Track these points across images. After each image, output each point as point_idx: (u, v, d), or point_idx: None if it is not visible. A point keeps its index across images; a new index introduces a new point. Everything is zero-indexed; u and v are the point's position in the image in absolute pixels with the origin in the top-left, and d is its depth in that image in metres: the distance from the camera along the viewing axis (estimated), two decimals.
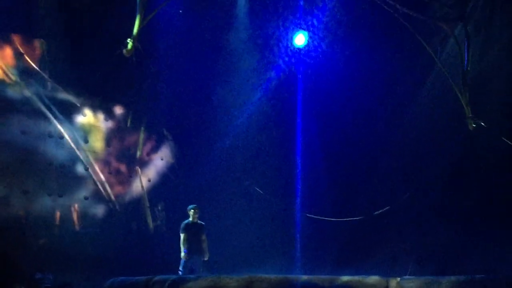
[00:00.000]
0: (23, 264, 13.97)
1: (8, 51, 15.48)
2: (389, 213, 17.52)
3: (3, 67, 15.31)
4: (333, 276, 11.28)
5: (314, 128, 18.79)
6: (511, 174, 15.77)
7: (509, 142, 15.65)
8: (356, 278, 10.77)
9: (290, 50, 18.57)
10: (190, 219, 14.86)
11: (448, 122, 16.94)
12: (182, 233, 14.73)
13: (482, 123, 15.89)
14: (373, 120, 18.03)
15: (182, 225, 14.83)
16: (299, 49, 18.49)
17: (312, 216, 18.13)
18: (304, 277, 11.21)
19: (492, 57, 16.56)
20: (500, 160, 16.03)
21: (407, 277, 11.18)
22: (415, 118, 17.63)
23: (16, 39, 15.61)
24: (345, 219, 17.77)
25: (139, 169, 17.92)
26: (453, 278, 10.28)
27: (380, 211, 17.48)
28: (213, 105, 18.58)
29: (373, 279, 10.72)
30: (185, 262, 14.51)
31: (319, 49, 18.19)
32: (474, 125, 15.89)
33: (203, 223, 15.01)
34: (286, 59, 18.68)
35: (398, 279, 10.81)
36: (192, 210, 14.88)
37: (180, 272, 14.29)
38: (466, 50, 16.07)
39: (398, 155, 17.89)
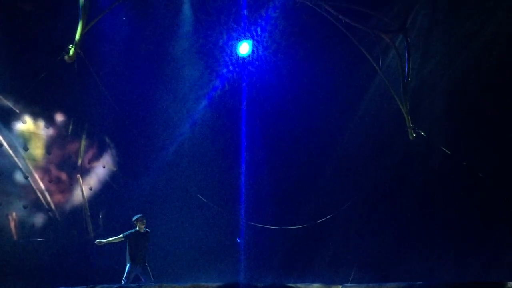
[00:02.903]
0: None
1: None
2: (331, 221, 17.64)
3: None
4: (275, 282, 11.30)
5: (259, 136, 18.86)
6: (450, 182, 16.14)
7: (448, 152, 15.97)
8: (299, 285, 10.79)
9: (235, 59, 18.61)
10: (137, 228, 14.63)
11: (389, 131, 17.21)
12: (128, 243, 14.48)
13: (422, 133, 16.18)
14: (316, 129, 18.19)
15: (129, 234, 14.57)
16: (243, 58, 18.55)
17: (256, 224, 18.13)
18: (247, 284, 11.18)
19: (432, 68, 16.95)
20: (439, 169, 16.38)
21: (349, 284, 11.27)
22: (357, 127, 17.89)
23: None
24: (288, 227, 17.83)
25: (80, 177, 17.61)
26: (393, 284, 10.36)
27: (323, 219, 17.58)
28: (157, 113, 18.44)
29: (316, 286, 10.75)
30: (129, 272, 14.29)
31: (263, 58, 18.28)
32: (414, 135, 16.17)
33: (148, 230, 14.81)
34: (231, 68, 18.70)
35: (340, 286, 10.87)
36: (139, 222, 14.65)
37: (123, 281, 14.08)
38: (406, 61, 16.35)
39: (341, 164, 18.11)
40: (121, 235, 14.54)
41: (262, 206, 18.69)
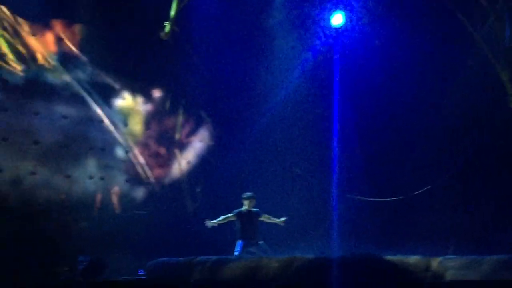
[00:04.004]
0: (66, 247, 14.26)
1: (48, 37, 15.71)
2: (428, 193, 17.34)
3: (44, 52, 15.56)
4: (371, 255, 11.22)
5: (351, 107, 18.66)
6: None
7: None
8: (397, 258, 10.71)
9: (328, 30, 18.44)
10: (246, 207, 14.67)
11: (488, 99, 16.67)
12: (239, 220, 14.48)
13: None
14: (412, 98, 17.79)
15: (239, 213, 14.57)
16: (336, 29, 18.34)
17: (352, 196, 18.05)
18: (343, 256, 11.17)
19: None
20: None
21: (448, 256, 11.06)
22: (454, 96, 17.38)
23: (56, 24, 15.84)
24: (384, 199, 17.66)
25: (178, 152, 18.03)
26: (495, 257, 10.15)
27: (420, 191, 17.31)
28: (250, 86, 18.55)
29: (414, 259, 10.62)
30: (242, 247, 14.30)
31: (356, 29, 18.00)
32: None
33: (258, 209, 14.82)
34: (323, 39, 18.55)
35: (440, 258, 10.68)
36: (247, 201, 14.65)
37: (235, 253, 14.21)
38: (507, 26, 15.79)
39: (438, 134, 17.67)
40: (231, 214, 14.58)
41: (357, 177, 18.55)
